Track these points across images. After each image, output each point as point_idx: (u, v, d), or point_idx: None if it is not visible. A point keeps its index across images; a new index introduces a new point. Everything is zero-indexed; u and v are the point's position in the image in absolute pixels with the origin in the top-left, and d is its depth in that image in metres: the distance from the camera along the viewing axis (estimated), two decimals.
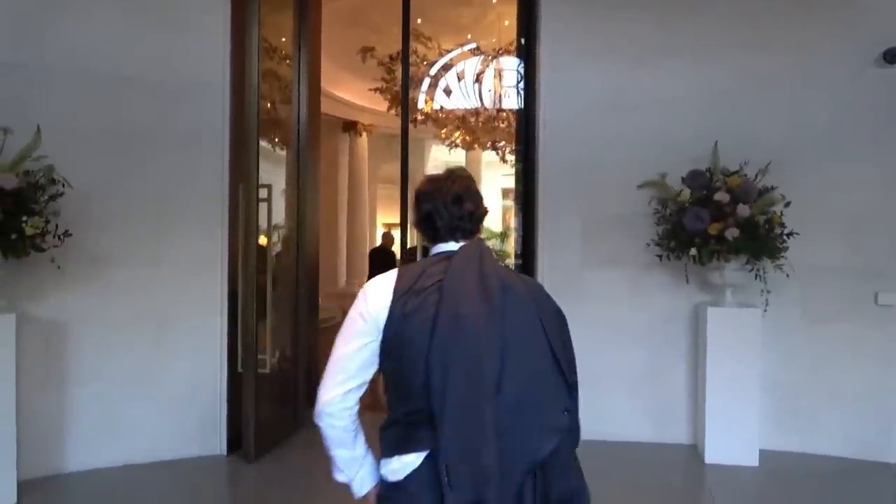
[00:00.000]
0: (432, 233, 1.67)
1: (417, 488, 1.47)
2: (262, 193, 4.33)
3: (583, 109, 4.71)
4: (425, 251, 1.84)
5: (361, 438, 1.64)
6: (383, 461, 1.57)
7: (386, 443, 1.56)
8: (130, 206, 4.16)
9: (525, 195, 5.03)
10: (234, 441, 4.40)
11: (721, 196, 4.10)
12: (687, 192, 4.24)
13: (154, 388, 4.24)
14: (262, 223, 4.35)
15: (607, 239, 4.69)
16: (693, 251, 4.16)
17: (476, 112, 10.51)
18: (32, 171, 3.54)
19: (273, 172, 4.86)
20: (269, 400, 4.62)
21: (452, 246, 1.64)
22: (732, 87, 4.52)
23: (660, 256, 4.42)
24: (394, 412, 1.56)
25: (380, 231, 15.74)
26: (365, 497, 1.65)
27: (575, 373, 1.58)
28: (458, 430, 1.39)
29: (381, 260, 9.71)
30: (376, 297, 1.56)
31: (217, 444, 4.40)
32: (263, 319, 4.39)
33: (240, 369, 4.31)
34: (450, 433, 1.39)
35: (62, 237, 3.63)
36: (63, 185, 3.62)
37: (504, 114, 10.37)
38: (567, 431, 1.50)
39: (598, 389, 4.66)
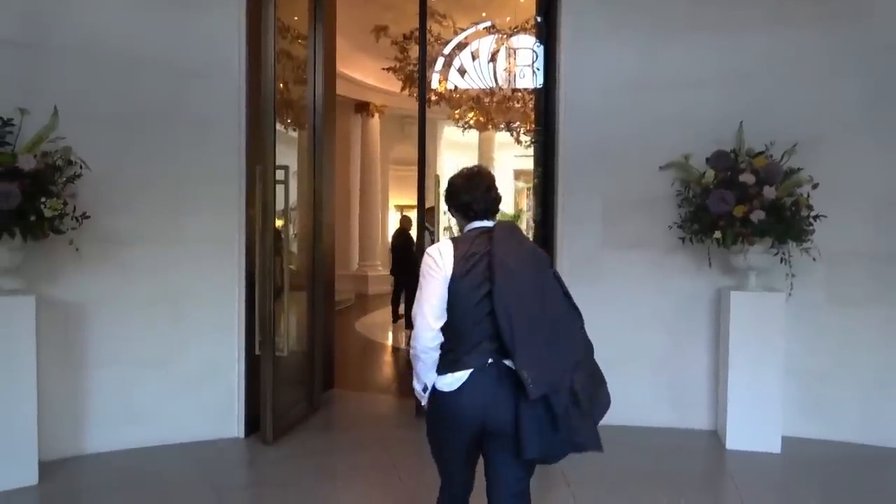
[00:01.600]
0: (470, 215, 2.37)
1: (465, 395, 2.16)
2: (279, 175, 4.32)
3: (605, 88, 4.65)
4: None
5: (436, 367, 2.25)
6: (439, 378, 2.21)
7: (440, 365, 2.22)
8: (147, 188, 4.16)
9: (544, 176, 4.99)
10: (252, 423, 4.43)
11: (746, 177, 4.05)
12: (711, 174, 4.19)
13: (171, 370, 4.27)
14: (278, 205, 4.35)
15: (629, 221, 4.65)
16: (717, 234, 4.12)
17: (490, 92, 10.42)
18: (50, 153, 3.54)
19: (285, 154, 4.84)
20: (287, 382, 4.64)
21: (486, 223, 2.34)
22: (759, 64, 4.45)
23: (682, 239, 4.39)
24: (445, 343, 2.21)
25: (392, 214, 15.76)
26: (425, 401, 2.30)
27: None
28: (527, 348, 2.05)
29: (403, 242, 9.80)
30: (445, 259, 2.20)
31: (235, 426, 4.44)
32: (280, 302, 4.40)
33: (257, 352, 4.33)
34: (522, 351, 2.05)
35: (80, 219, 3.64)
36: (80, 167, 3.62)
37: (519, 94, 10.28)
38: (585, 341, 2.26)
39: (617, 374, 4.60)
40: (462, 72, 9.84)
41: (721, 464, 4.10)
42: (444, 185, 2.51)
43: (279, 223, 4.45)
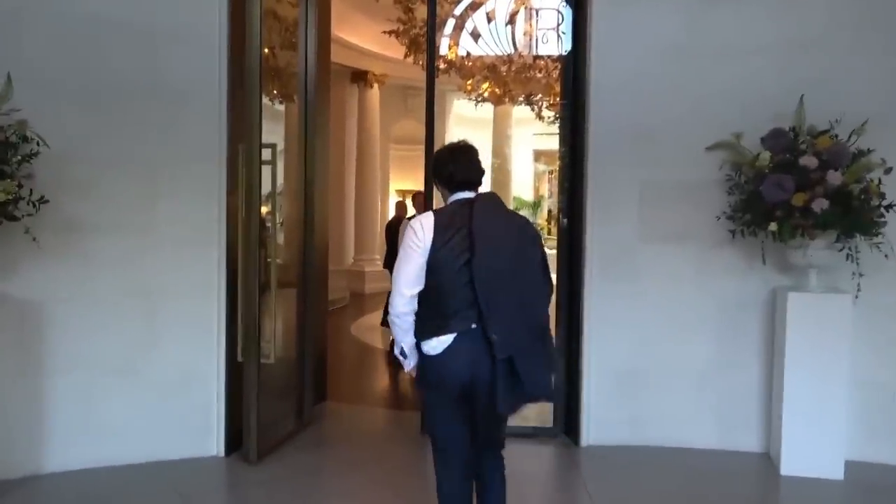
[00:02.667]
0: (452, 186, 2.88)
1: (450, 357, 2.70)
2: (265, 155, 4.33)
3: (643, 56, 4.63)
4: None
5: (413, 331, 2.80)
6: (424, 343, 2.75)
7: (426, 330, 2.75)
8: (114, 169, 4.17)
9: (571, 158, 4.97)
10: (234, 440, 4.46)
11: (807, 160, 4.02)
12: (766, 156, 4.17)
13: (142, 379, 4.29)
14: (264, 190, 4.36)
15: (669, 211, 4.64)
16: (772, 226, 4.10)
17: (508, 60, 10.40)
18: (3, 127, 3.55)
19: (271, 130, 4.85)
20: (273, 393, 4.66)
21: (468, 194, 2.86)
22: (824, 29, 4.42)
23: (732, 232, 4.37)
24: (429, 310, 2.74)
25: (392, 200, 15.77)
26: (411, 368, 2.86)
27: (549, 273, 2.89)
28: (498, 314, 2.63)
29: (398, 234, 9.74)
30: (426, 230, 2.72)
31: (213, 443, 4.46)
32: (267, 300, 4.41)
33: (240, 358, 4.34)
34: (493, 317, 2.62)
35: (37, 204, 3.65)
36: (38, 144, 3.63)
37: (541, 62, 10.25)
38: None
39: (654, 387, 4.67)
40: (475, 36, 9.81)
41: (774, 492, 4.10)
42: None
43: (264, 210, 4.46)
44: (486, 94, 11.86)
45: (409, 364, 2.85)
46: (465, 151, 2.92)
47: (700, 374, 4.67)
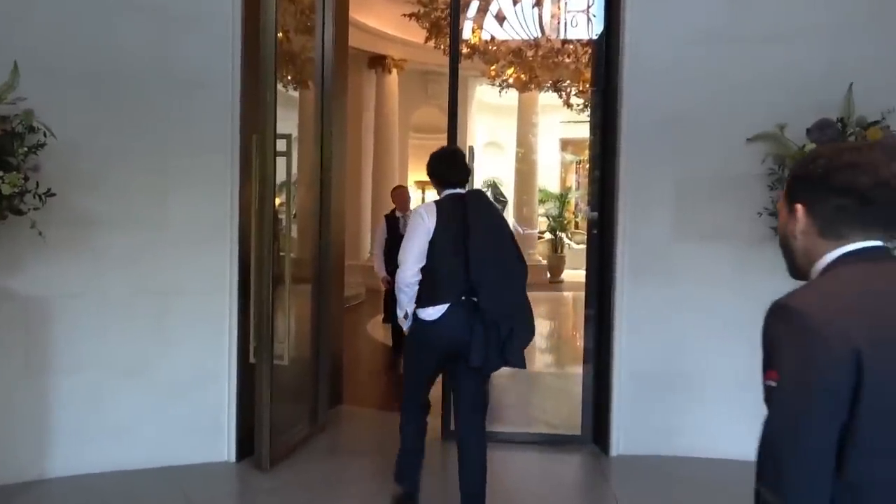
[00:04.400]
0: (447, 184, 3.67)
1: (442, 322, 3.46)
2: (280, 145, 4.34)
3: (680, 40, 4.59)
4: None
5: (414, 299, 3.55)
6: (420, 310, 3.51)
7: (424, 299, 3.51)
8: (123, 161, 4.21)
9: (602, 148, 4.95)
10: (245, 445, 4.49)
11: None
12: (813, 148, 4.12)
13: (150, 380, 4.34)
14: (279, 181, 4.38)
15: (707, 206, 4.60)
16: None
17: (535, 44, 10.37)
18: (9, 117, 3.58)
19: (285, 118, 4.87)
20: (287, 396, 4.69)
21: (459, 191, 3.65)
22: (875, 12, 4.36)
23: (774, 229, 4.32)
24: (427, 284, 3.49)
25: (412, 193, 15.77)
26: (407, 328, 3.65)
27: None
28: (489, 287, 3.41)
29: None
30: (430, 217, 3.50)
31: (224, 448, 4.50)
32: (280, 298, 4.43)
33: (252, 359, 4.37)
34: (485, 288, 3.41)
35: (44, 197, 3.68)
36: (45, 135, 3.66)
37: (570, 46, 10.21)
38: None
39: (689, 395, 4.63)
40: (500, 19, 9.80)
41: None
42: (477, 160, 4.02)
43: (278, 201, 4.48)
44: (510, 80, 11.87)
45: (407, 325, 3.64)
46: (455, 156, 3.80)
47: (737, 382, 4.61)
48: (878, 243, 1.44)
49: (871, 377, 1.25)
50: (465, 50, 10.02)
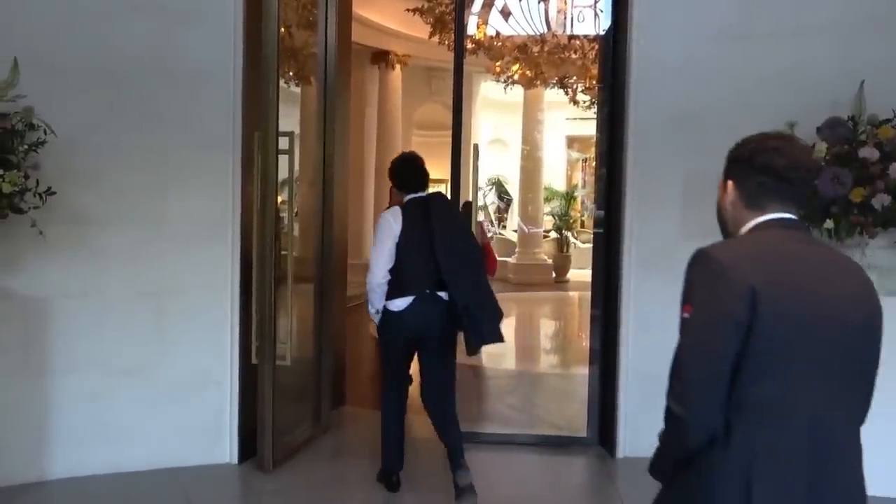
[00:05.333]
0: (409, 188, 4.12)
1: (408, 312, 3.95)
2: (283, 143, 4.36)
3: (690, 36, 4.60)
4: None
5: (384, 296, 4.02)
6: (388, 302, 3.98)
7: (391, 291, 3.97)
8: (124, 158, 4.24)
9: (609, 145, 4.96)
10: (247, 447, 4.51)
11: (868, 152, 3.98)
12: (823, 147, 4.12)
13: (151, 380, 4.36)
14: (280, 179, 4.41)
15: (715, 205, 4.59)
16: (828, 223, 4.06)
17: (540, 39, 10.38)
18: (8, 115, 3.61)
19: (287, 114, 4.89)
20: (289, 397, 4.71)
21: (421, 194, 4.09)
22: (887, 8, 4.35)
23: None
24: (395, 279, 3.95)
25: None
26: (378, 321, 4.11)
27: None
28: (457, 278, 3.89)
29: None
30: (396, 221, 3.95)
31: (226, 449, 4.52)
32: (282, 298, 4.45)
33: (254, 359, 4.39)
34: (453, 279, 3.88)
35: (44, 196, 3.71)
36: (45, 132, 3.69)
37: (577, 42, 10.22)
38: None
39: None
40: (506, 14, 9.80)
41: None
42: (481, 158, 4.29)
43: (279, 199, 4.51)
44: (516, 77, 11.86)
45: (378, 319, 4.10)
46: (415, 162, 4.20)
47: None
48: (792, 216, 1.77)
49: (761, 311, 1.56)
50: (469, 45, 10.03)
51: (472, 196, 5.20)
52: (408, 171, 4.16)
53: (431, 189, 4.29)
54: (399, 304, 3.95)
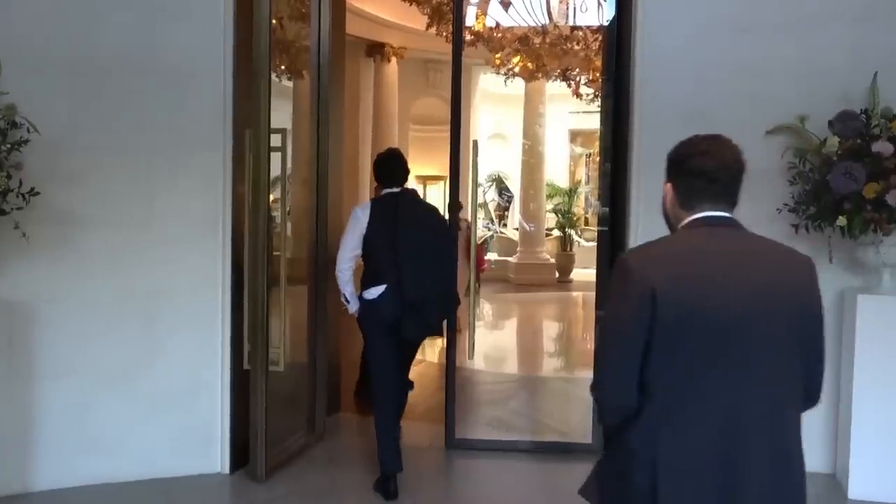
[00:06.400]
0: (385, 183, 4.44)
1: (382, 301, 4.22)
2: (275, 140, 4.36)
3: (696, 28, 4.60)
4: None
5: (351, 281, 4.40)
6: (364, 291, 4.28)
7: (365, 281, 4.29)
8: (110, 157, 4.24)
9: (614, 140, 4.96)
10: (239, 456, 4.51)
11: (881, 146, 3.99)
12: (835, 141, 4.13)
13: (139, 387, 4.36)
14: (273, 177, 4.41)
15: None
16: (841, 220, 4.07)
17: (542, 31, 10.38)
18: None
19: (279, 110, 4.89)
20: (283, 404, 4.71)
21: (395, 189, 4.39)
22: None
23: (795, 227, 4.32)
24: (369, 269, 4.32)
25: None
26: (354, 311, 4.42)
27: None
28: (411, 274, 4.19)
29: None
30: (363, 213, 4.29)
31: (217, 458, 4.52)
32: (275, 301, 4.46)
33: (246, 365, 4.39)
34: (407, 275, 4.18)
35: (27, 196, 3.71)
36: (28, 131, 3.69)
37: (580, 33, 10.22)
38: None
39: None
40: (505, 4, 9.80)
41: None
42: (481, 153, 4.56)
43: (271, 198, 4.52)
44: (516, 69, 11.85)
45: (352, 308, 4.40)
46: (391, 160, 4.50)
47: None
48: (722, 213, 1.97)
49: (660, 309, 1.80)
50: (468, 37, 10.03)
51: (472, 193, 5.21)
52: (382, 167, 4.50)
53: (439, 186, 4.69)
54: (373, 292, 4.25)
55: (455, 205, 5.17)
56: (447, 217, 5.00)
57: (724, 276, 1.85)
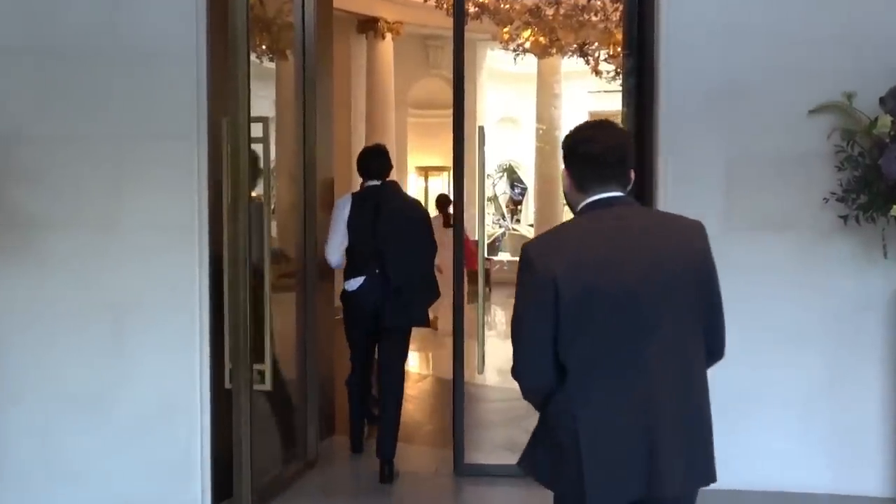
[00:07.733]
0: (367, 175, 5.27)
1: (361, 290, 5.09)
2: (255, 129, 4.37)
3: None
4: None
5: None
6: (345, 282, 5.17)
7: (347, 272, 5.16)
8: (71, 149, 4.26)
9: (637, 122, 4.97)
10: (222, 485, 4.49)
11: None
12: (887, 121, 4.13)
13: (109, 410, 4.37)
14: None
15: (763, 191, 4.62)
16: (895, 210, 4.07)
17: (555, 1, 10.38)
18: None
19: (260, 95, 4.91)
20: (270, 427, 4.72)
21: (377, 182, 5.23)
22: None
23: (844, 217, 4.34)
24: (349, 261, 5.16)
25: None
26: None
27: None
28: (393, 260, 5.01)
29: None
30: (344, 206, 5.17)
31: (197, 489, 4.51)
32: (261, 313, 4.46)
33: (228, 384, 4.38)
34: (390, 260, 5.00)
35: None
36: None
37: (598, 3, 10.22)
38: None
39: (747, 416, 4.64)
40: None
41: None
42: (489, 140, 5.20)
43: (254, 195, 4.51)
44: (527, 45, 11.84)
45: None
46: (372, 154, 5.35)
47: (806, 399, 4.64)
48: (614, 193, 2.36)
49: (563, 293, 2.20)
50: (472, 9, 10.04)
51: (479, 185, 5.23)
52: (363, 161, 5.30)
53: (442, 178, 4.94)
54: (353, 283, 5.05)
55: (459, 201, 5.20)
56: (450, 211, 5.15)
57: (618, 252, 2.25)
